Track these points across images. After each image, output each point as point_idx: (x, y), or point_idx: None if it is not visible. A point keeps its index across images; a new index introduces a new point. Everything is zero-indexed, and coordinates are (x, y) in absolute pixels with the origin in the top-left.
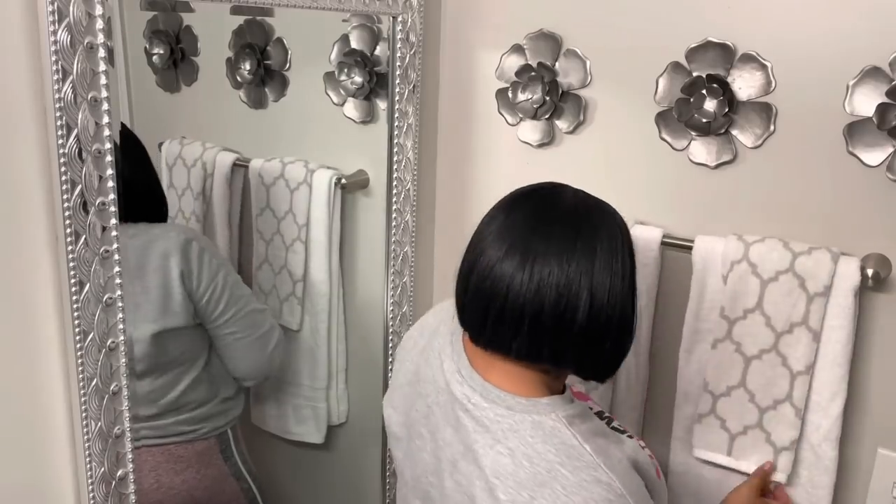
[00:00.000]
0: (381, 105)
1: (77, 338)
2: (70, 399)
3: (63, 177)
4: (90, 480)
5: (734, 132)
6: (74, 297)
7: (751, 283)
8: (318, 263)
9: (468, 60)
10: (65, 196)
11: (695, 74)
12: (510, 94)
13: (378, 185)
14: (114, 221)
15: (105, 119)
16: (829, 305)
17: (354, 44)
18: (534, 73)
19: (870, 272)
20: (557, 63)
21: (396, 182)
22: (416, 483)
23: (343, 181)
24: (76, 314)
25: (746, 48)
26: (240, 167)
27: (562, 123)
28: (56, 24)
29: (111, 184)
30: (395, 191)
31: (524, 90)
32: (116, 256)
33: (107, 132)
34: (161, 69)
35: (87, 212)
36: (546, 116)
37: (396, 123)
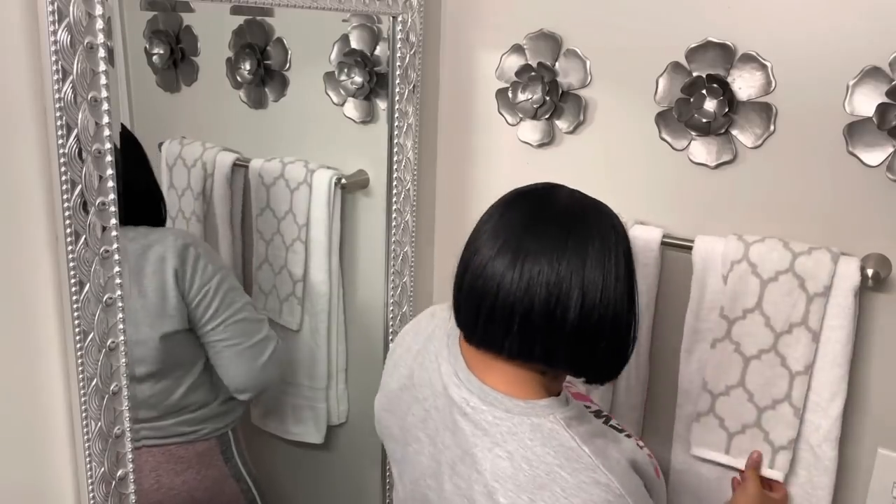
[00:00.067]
0: (381, 105)
1: (77, 338)
2: (70, 399)
3: (63, 177)
4: (90, 480)
5: (734, 132)
6: (74, 297)
7: (751, 284)
8: (318, 263)
9: (468, 60)
10: (65, 196)
11: (695, 74)
12: (510, 94)
13: (378, 185)
14: (114, 221)
15: (105, 119)
16: (829, 305)
17: (354, 44)
18: (534, 73)
19: (870, 272)
20: (557, 63)
21: (396, 182)
22: (415, 486)
23: (343, 181)
24: (76, 314)
25: (746, 48)
26: (240, 167)
27: (562, 123)
28: (56, 24)
29: (111, 184)
30: (395, 191)
31: (524, 90)
32: (116, 256)
33: (107, 132)
34: (161, 69)
35: (87, 212)
36: (546, 116)
37: (396, 123)
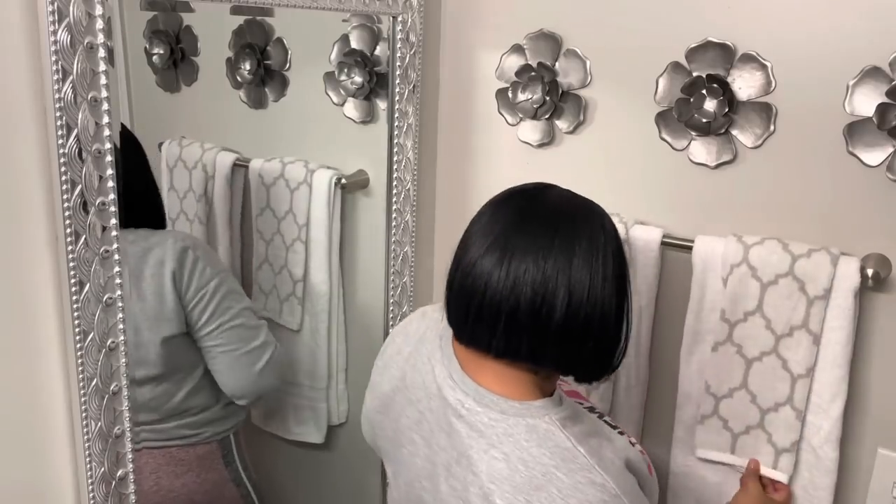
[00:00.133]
0: (381, 105)
1: (77, 338)
2: (70, 399)
3: (63, 177)
4: (90, 480)
5: (734, 132)
6: (74, 297)
7: (751, 287)
8: (318, 263)
9: (468, 60)
10: (65, 196)
11: (695, 74)
12: (510, 94)
13: (378, 185)
14: (114, 221)
15: (105, 119)
16: (829, 307)
17: (354, 44)
18: (534, 73)
19: (870, 272)
20: (557, 63)
21: (396, 182)
22: (409, 489)
23: (343, 181)
24: (76, 314)
25: (746, 48)
26: (240, 167)
27: (562, 123)
28: (56, 24)
29: (111, 184)
30: (395, 191)
31: (524, 90)
32: (116, 256)
33: (107, 132)
34: (161, 69)
35: (87, 212)
36: (546, 116)
37: (396, 123)
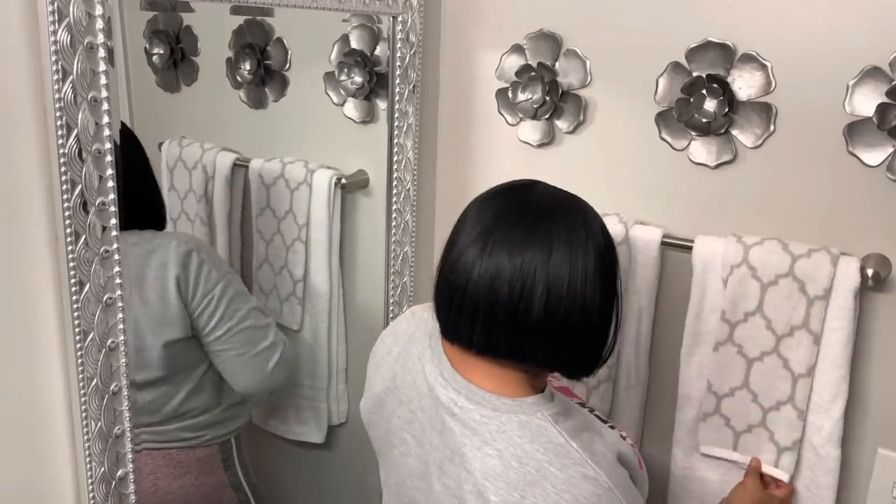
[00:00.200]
0: (381, 105)
1: (77, 338)
2: (70, 399)
3: (63, 177)
4: (90, 480)
5: (734, 132)
6: (74, 297)
7: (751, 287)
8: (318, 263)
9: (468, 60)
10: (65, 196)
11: (695, 74)
12: (510, 94)
13: (378, 185)
14: (114, 221)
15: (105, 119)
16: (830, 307)
17: (354, 44)
18: (534, 73)
19: (870, 272)
20: (557, 63)
21: (396, 182)
22: (401, 488)
23: (343, 181)
24: (76, 314)
25: (746, 48)
26: (240, 167)
27: (562, 123)
28: (56, 24)
29: (111, 184)
30: (395, 191)
31: (524, 90)
32: (116, 256)
33: (107, 132)
34: (161, 69)
35: (87, 212)
36: (546, 116)
37: (396, 123)
